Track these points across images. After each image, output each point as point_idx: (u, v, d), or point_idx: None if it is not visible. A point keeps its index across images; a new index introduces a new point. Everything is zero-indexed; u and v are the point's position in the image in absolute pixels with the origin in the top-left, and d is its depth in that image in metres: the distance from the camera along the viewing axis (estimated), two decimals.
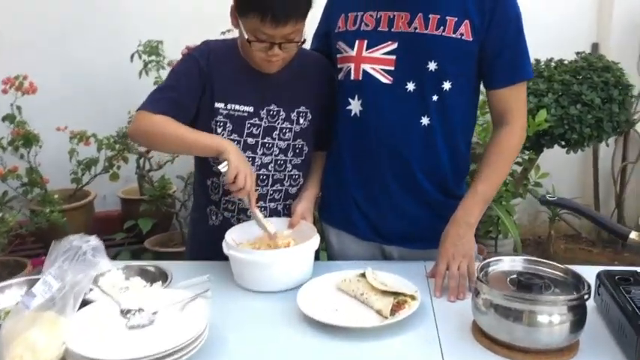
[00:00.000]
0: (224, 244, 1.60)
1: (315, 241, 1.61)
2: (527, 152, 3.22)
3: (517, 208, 3.39)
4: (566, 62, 3.25)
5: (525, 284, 1.29)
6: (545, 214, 3.86)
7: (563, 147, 3.15)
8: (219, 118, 1.67)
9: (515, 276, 1.33)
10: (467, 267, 1.55)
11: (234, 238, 1.66)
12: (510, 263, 1.40)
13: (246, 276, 1.59)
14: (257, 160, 1.71)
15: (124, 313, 1.36)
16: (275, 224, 1.72)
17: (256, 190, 1.70)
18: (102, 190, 3.38)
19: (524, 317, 1.24)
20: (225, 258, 1.70)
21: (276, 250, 1.59)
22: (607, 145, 3.60)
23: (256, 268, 1.56)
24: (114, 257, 2.98)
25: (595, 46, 3.91)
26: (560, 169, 3.79)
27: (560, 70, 3.13)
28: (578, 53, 3.36)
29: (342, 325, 1.35)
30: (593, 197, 3.96)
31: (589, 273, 1.40)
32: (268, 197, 1.75)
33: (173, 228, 3.34)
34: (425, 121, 1.61)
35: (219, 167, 1.54)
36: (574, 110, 2.97)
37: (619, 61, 3.26)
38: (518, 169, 3.31)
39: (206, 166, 1.74)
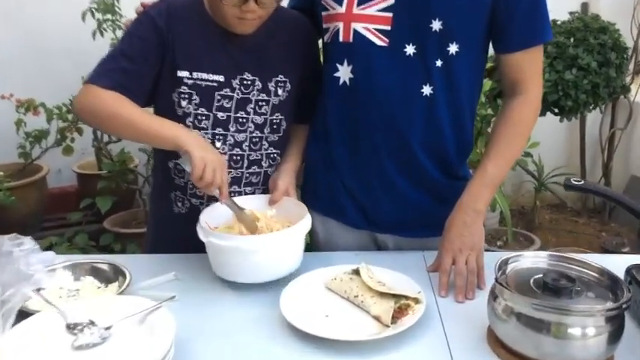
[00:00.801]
0: (199, 230, 1.35)
1: (306, 222, 1.37)
2: None
3: None
4: (559, 22, 3.03)
5: (553, 288, 1.09)
6: (530, 184, 3.69)
7: (556, 115, 2.95)
8: (184, 89, 1.40)
9: (540, 276, 1.13)
10: (475, 261, 1.34)
11: (208, 222, 1.41)
12: (533, 259, 1.20)
13: (228, 266, 1.34)
14: (229, 138, 1.46)
15: (71, 328, 1.12)
16: (254, 202, 1.48)
17: (229, 172, 1.45)
18: (55, 164, 3.08)
19: (553, 329, 1.04)
20: (194, 250, 1.46)
21: (263, 236, 1.35)
22: (601, 113, 3.42)
23: (241, 257, 1.30)
24: (69, 239, 2.71)
25: (585, 6, 3.70)
26: (546, 137, 3.58)
27: (553, 32, 2.90)
28: (571, 13, 3.14)
29: (335, 338, 1.13)
30: (579, 166, 3.81)
31: (615, 264, 1.20)
32: (244, 181, 1.51)
33: (136, 205, 3.06)
34: (427, 90, 1.38)
35: (180, 163, 1.30)
36: (569, 75, 2.77)
37: (614, 22, 3.05)
38: None
39: None
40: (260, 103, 1.47)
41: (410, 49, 1.35)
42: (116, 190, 2.82)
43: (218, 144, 1.45)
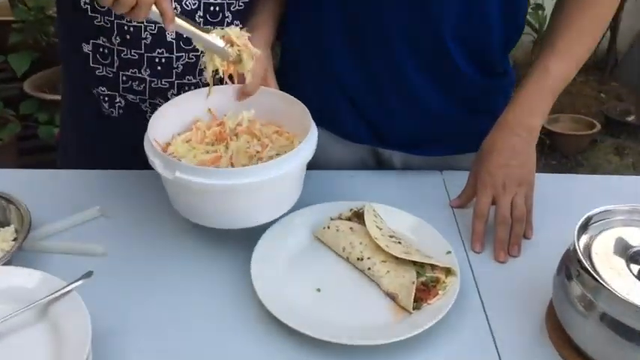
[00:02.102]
0: (154, 158, 0.86)
1: (313, 136, 0.91)
2: None
3: None
4: None
5: None
6: (529, 37, 3.22)
7: None
8: None
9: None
10: (524, 201, 0.96)
11: (158, 139, 0.92)
12: (628, 217, 0.82)
13: (207, 211, 0.89)
14: (174, 5, 0.98)
15: None
16: (215, 97, 1.00)
17: (180, 57, 0.99)
18: None
19: None
20: (129, 165, 1.06)
21: (261, 168, 0.84)
22: None
23: (230, 199, 0.86)
24: None
25: None
26: None
27: None
28: None
29: (329, 340, 0.76)
30: None
31: None
32: (200, 67, 1.05)
33: None
34: None
35: None
36: None
37: None
38: None
39: (78, 18, 1.00)
40: None
41: None
42: (35, 45, 2.25)
43: None
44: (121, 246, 0.93)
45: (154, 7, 0.80)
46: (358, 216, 0.95)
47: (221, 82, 0.96)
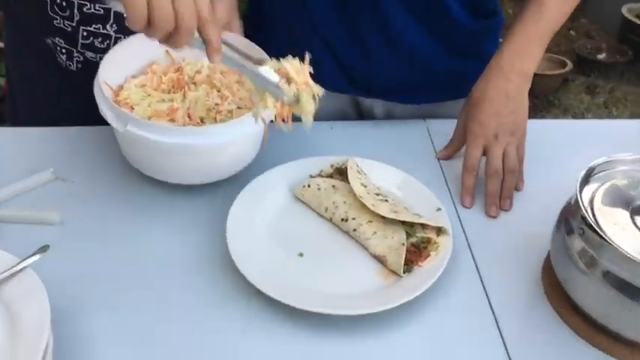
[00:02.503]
0: (105, 107, 0.80)
1: None
2: None
3: None
4: None
5: None
6: None
7: None
8: None
9: None
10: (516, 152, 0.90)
11: (110, 82, 0.86)
12: (630, 169, 0.77)
13: (156, 164, 0.84)
14: None
15: None
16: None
17: None
18: None
19: None
20: (86, 121, 0.94)
21: (214, 127, 0.80)
22: None
23: (182, 157, 0.81)
24: None
25: None
26: None
27: None
28: None
29: (314, 310, 0.70)
30: None
31: None
32: None
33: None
34: None
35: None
36: None
37: None
38: None
39: None
40: None
41: None
42: None
43: None
44: (78, 212, 0.84)
45: (196, 34, 0.66)
46: (340, 172, 0.88)
47: None
